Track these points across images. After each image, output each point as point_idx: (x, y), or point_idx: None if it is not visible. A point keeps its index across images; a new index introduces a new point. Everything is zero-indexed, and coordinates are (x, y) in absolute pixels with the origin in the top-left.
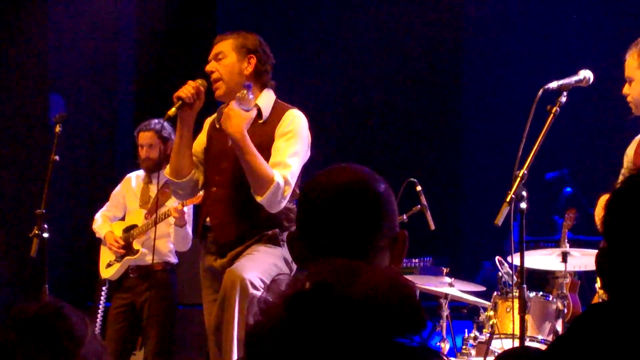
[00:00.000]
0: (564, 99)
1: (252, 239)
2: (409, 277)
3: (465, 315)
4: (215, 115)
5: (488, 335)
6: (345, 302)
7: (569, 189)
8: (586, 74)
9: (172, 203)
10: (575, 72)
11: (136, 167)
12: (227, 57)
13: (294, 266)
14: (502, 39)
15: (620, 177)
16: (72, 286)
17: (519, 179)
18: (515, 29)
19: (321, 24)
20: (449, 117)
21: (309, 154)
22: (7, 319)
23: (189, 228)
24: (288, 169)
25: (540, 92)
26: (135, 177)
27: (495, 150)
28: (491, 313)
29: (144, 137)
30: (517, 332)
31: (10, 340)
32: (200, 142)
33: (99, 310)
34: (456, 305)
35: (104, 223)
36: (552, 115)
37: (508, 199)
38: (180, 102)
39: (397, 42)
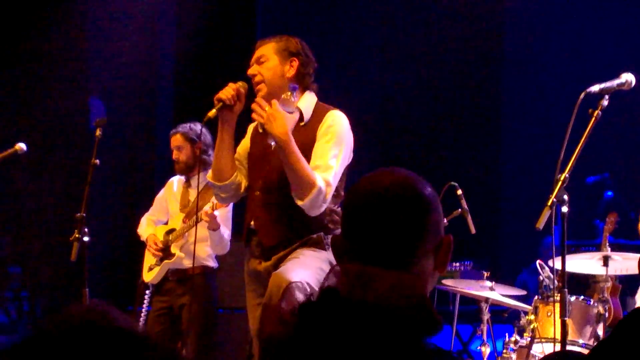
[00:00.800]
0: (605, 103)
1: (296, 242)
2: (449, 280)
3: (506, 319)
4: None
5: (529, 339)
6: (352, 307)
7: (610, 193)
8: (628, 78)
9: (206, 207)
10: (617, 76)
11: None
12: (269, 60)
13: None
14: (543, 41)
15: None
16: (113, 290)
17: (560, 183)
18: (556, 31)
19: (363, 25)
20: (489, 120)
21: (351, 155)
22: (52, 323)
23: (225, 231)
24: (330, 170)
25: (582, 96)
26: (177, 181)
27: (536, 154)
28: (532, 317)
29: (173, 140)
30: (558, 336)
31: (55, 345)
32: (244, 146)
33: (142, 314)
34: (497, 309)
35: (148, 227)
36: (593, 118)
37: (549, 203)
38: (220, 103)
39: (439, 46)
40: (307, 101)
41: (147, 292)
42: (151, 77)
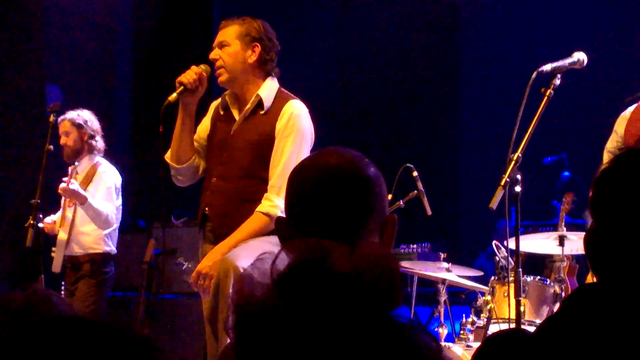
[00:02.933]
0: (558, 82)
1: None
2: (406, 262)
3: (463, 301)
4: (220, 99)
5: (486, 320)
6: (335, 277)
7: (567, 173)
8: (580, 56)
9: (93, 187)
10: (569, 55)
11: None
12: (230, 46)
13: None
14: (498, 21)
15: (606, 155)
16: None
17: (513, 163)
18: (511, 10)
19: (321, 12)
20: (445, 102)
21: (311, 143)
22: None
23: (105, 205)
24: (282, 190)
25: (534, 75)
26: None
27: (492, 134)
28: (489, 298)
29: (62, 126)
30: (513, 316)
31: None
32: (204, 126)
33: None
34: (454, 290)
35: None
36: (546, 97)
37: (502, 183)
38: (182, 87)
39: (396, 25)
40: (268, 88)
41: (62, 283)
42: (109, 61)
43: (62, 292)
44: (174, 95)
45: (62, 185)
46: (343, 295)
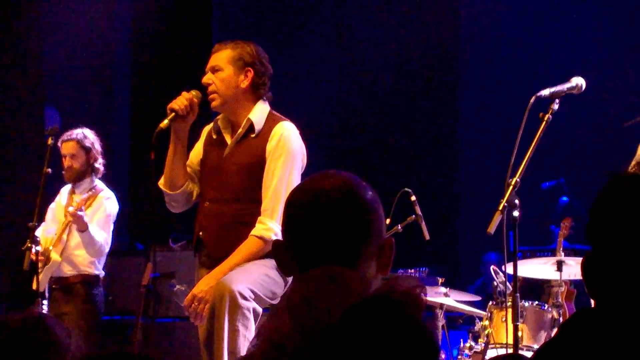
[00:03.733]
0: (556, 107)
1: None
2: None
3: (461, 325)
4: (212, 124)
5: (483, 345)
6: (400, 312)
7: (565, 198)
8: (578, 82)
9: (91, 211)
10: (567, 80)
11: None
12: (223, 70)
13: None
14: (497, 47)
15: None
16: None
17: (511, 187)
18: (510, 37)
19: (318, 30)
20: (443, 127)
21: (304, 165)
22: None
23: (100, 234)
24: (275, 214)
25: (532, 100)
26: (66, 190)
27: (491, 159)
28: (487, 323)
29: (67, 147)
30: (511, 341)
31: None
32: (197, 152)
33: None
34: (452, 315)
35: (42, 236)
36: (544, 122)
37: (500, 207)
38: (173, 114)
39: (393, 50)
40: (259, 111)
41: (42, 300)
42: (107, 84)
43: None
44: (165, 121)
45: (71, 209)
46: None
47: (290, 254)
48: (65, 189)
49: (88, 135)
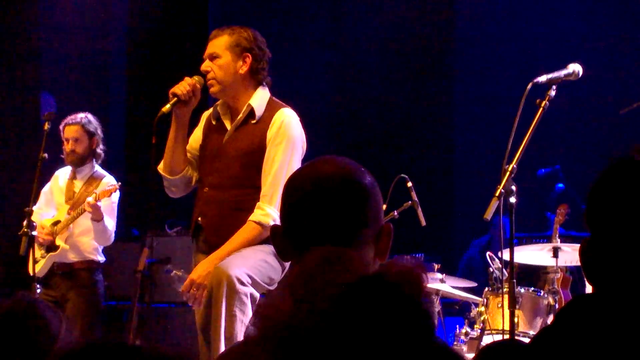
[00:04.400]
0: (553, 93)
1: None
2: None
3: (457, 311)
4: (212, 109)
5: (479, 331)
6: (395, 292)
7: (561, 185)
8: (575, 68)
9: (88, 198)
10: (564, 66)
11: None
12: (221, 57)
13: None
14: (492, 32)
15: None
16: None
17: (508, 173)
18: (505, 22)
19: (315, 18)
20: (439, 113)
21: (304, 151)
22: None
23: (110, 222)
24: (274, 200)
25: (529, 86)
26: (63, 174)
27: (487, 145)
28: (482, 309)
29: (70, 131)
30: (507, 327)
31: None
32: (196, 137)
33: None
34: (448, 301)
35: (35, 218)
36: (541, 109)
37: (497, 193)
38: (175, 98)
39: (389, 37)
40: (260, 97)
41: (38, 285)
42: (103, 71)
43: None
44: (168, 106)
45: (91, 199)
46: (399, 317)
47: (288, 239)
48: (62, 173)
49: (92, 120)
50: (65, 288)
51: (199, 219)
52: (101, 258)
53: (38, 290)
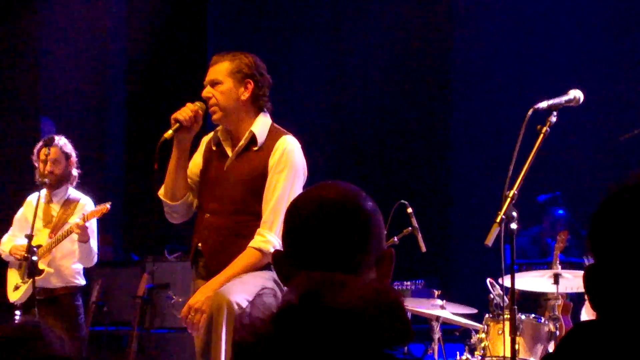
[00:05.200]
0: (554, 119)
1: None
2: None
3: (457, 338)
4: (212, 134)
5: (480, 357)
6: (333, 314)
7: (561, 211)
8: (576, 94)
9: (75, 219)
10: (565, 92)
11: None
12: (223, 83)
13: None
14: (492, 58)
15: None
16: None
17: (509, 200)
18: (505, 49)
19: (314, 41)
20: (438, 138)
21: (304, 178)
22: None
23: (93, 243)
24: (274, 226)
25: (530, 112)
26: (37, 198)
27: (486, 171)
28: (483, 335)
29: (45, 152)
30: (508, 354)
31: None
32: (197, 162)
33: None
34: (448, 327)
35: (9, 243)
36: (542, 135)
37: (498, 220)
38: (177, 124)
39: (389, 62)
40: (261, 124)
41: (17, 313)
42: (102, 95)
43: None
44: (170, 132)
45: (78, 221)
46: (339, 332)
47: (290, 263)
48: (34, 198)
49: (67, 142)
50: (45, 314)
51: (199, 244)
52: (82, 282)
53: (17, 317)
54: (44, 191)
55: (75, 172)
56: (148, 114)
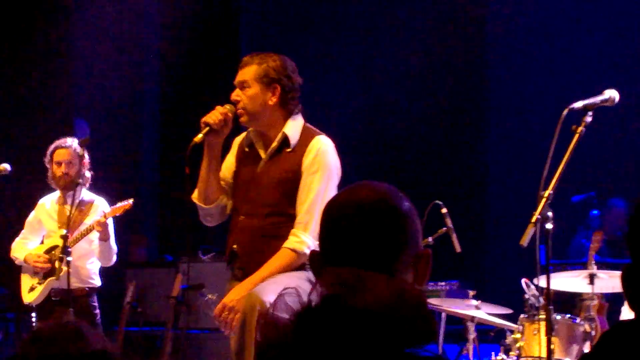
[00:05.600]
0: (589, 119)
1: None
2: (435, 300)
3: (492, 338)
4: (244, 135)
5: (515, 358)
6: (354, 314)
7: (595, 212)
8: (612, 94)
9: (91, 219)
10: (600, 92)
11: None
12: (250, 88)
13: None
14: (526, 58)
15: None
16: (106, 311)
17: (544, 200)
18: (540, 48)
19: (348, 39)
20: (474, 138)
21: (338, 178)
22: (28, 338)
23: (112, 241)
24: (309, 227)
25: (565, 112)
26: (50, 201)
27: (521, 171)
28: (518, 336)
29: (63, 154)
30: (544, 354)
31: (30, 358)
32: (229, 164)
33: None
34: (483, 328)
35: (22, 248)
36: (577, 135)
37: (533, 220)
38: (207, 128)
39: (424, 61)
40: (293, 126)
41: (33, 315)
42: (137, 98)
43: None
44: (200, 135)
45: (99, 219)
46: (358, 332)
47: (327, 263)
48: (47, 200)
49: (78, 144)
50: (63, 315)
51: (234, 246)
52: (98, 282)
53: (33, 319)
54: (57, 193)
55: (88, 173)
56: (182, 115)
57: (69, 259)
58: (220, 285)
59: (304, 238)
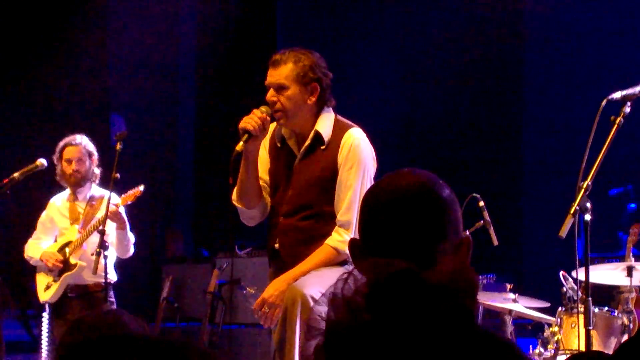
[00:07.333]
0: (628, 110)
1: None
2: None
3: (530, 332)
4: (273, 127)
5: (553, 351)
6: (430, 289)
7: (633, 205)
8: None
9: (102, 214)
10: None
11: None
12: (289, 89)
13: None
14: (564, 49)
15: None
16: (136, 306)
17: (582, 191)
18: (578, 39)
19: (383, 35)
20: (510, 131)
21: (374, 170)
22: (72, 326)
23: (129, 232)
24: (351, 224)
25: (603, 103)
26: (60, 199)
27: (558, 164)
28: (556, 329)
29: (73, 151)
30: (582, 347)
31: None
32: (264, 161)
33: (43, 341)
34: (521, 321)
35: (36, 248)
36: (615, 125)
37: (572, 211)
38: (247, 135)
39: (461, 55)
40: (326, 122)
41: (44, 314)
42: (173, 95)
43: (49, 323)
44: (241, 144)
45: (113, 208)
46: (437, 307)
47: (367, 253)
48: (58, 199)
49: (89, 141)
50: (80, 310)
51: (275, 245)
52: (114, 277)
53: (43, 318)
54: (67, 191)
55: (97, 170)
56: (217, 110)
57: (106, 253)
58: (257, 281)
59: (347, 237)
